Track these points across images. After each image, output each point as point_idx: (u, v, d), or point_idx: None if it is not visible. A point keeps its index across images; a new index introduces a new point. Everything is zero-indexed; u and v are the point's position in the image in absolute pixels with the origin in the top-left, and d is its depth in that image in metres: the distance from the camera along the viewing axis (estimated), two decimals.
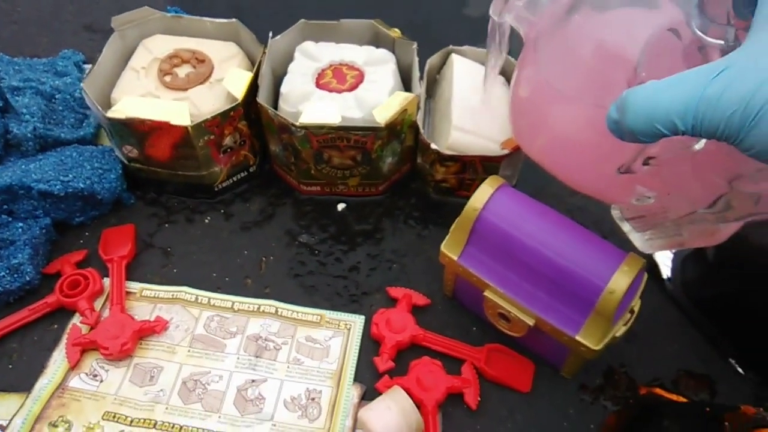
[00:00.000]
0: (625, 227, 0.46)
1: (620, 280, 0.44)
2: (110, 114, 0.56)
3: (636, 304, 0.48)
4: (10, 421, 0.50)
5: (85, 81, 0.58)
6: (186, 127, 0.56)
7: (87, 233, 0.61)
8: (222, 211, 0.64)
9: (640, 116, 0.32)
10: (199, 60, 0.61)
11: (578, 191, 0.50)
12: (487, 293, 0.50)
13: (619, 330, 0.47)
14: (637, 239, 0.46)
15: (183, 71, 0.61)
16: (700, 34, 0.36)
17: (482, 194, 0.49)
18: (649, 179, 0.41)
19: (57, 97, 0.65)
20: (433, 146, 0.58)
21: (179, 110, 0.56)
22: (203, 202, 0.64)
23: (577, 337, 0.46)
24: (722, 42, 0.35)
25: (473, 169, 0.60)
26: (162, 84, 0.60)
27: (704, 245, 0.44)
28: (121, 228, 0.61)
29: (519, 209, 0.49)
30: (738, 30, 0.35)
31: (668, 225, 0.43)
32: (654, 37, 0.38)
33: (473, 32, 0.83)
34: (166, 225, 0.63)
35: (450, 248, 0.52)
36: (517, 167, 0.62)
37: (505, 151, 0.57)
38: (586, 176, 0.46)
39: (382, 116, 0.56)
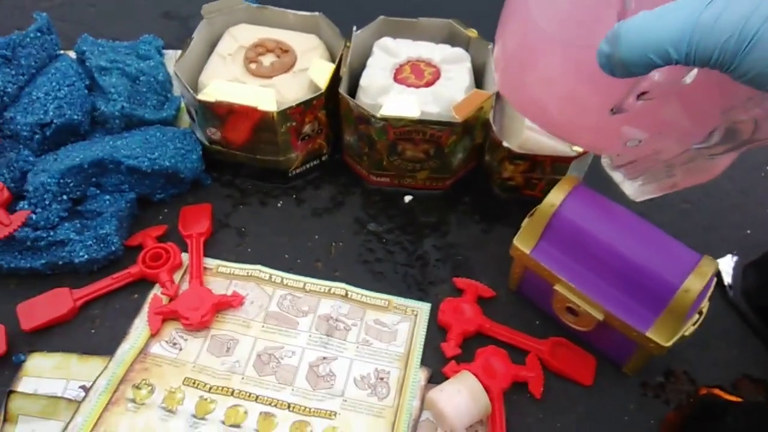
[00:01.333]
0: (617, 177, 0.47)
1: (695, 281, 0.46)
2: (201, 97, 0.58)
3: (705, 306, 0.50)
4: (94, 382, 0.52)
5: (176, 64, 0.61)
6: (272, 113, 0.58)
7: (166, 210, 0.64)
8: (294, 196, 0.66)
9: (634, 46, 0.32)
10: (283, 50, 0.64)
11: (569, 141, 0.49)
12: (557, 287, 0.52)
13: (688, 329, 0.49)
14: (629, 187, 0.47)
15: (268, 60, 0.63)
16: None
17: (559, 192, 0.51)
18: (639, 119, 0.41)
19: (141, 79, 0.68)
20: (505, 144, 0.60)
21: (266, 96, 0.58)
22: (276, 186, 0.67)
23: (648, 333, 0.48)
24: None
25: (542, 168, 0.62)
26: (248, 71, 0.62)
27: (698, 183, 0.44)
28: (199, 207, 0.64)
29: (594, 207, 0.51)
30: None
31: (660, 167, 0.43)
32: None
33: None
34: (241, 206, 0.65)
35: (523, 242, 0.53)
36: (583, 170, 0.64)
37: (576, 152, 0.59)
38: (575, 124, 0.46)
39: (460, 112, 0.58)
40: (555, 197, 0.51)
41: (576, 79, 0.43)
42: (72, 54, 0.70)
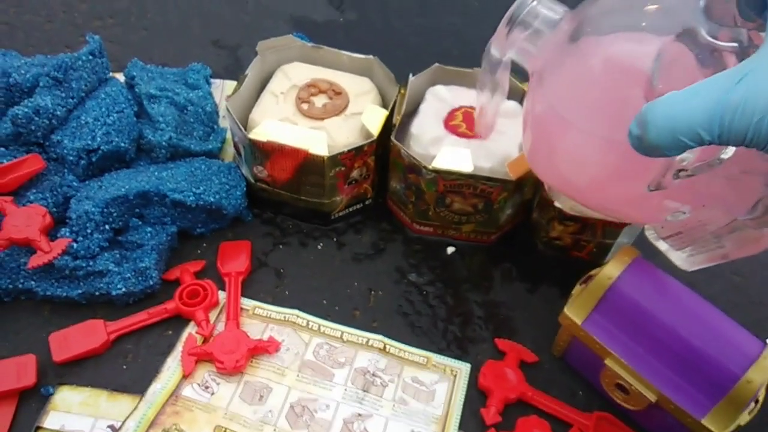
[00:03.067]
0: (662, 246, 0.46)
1: (758, 372, 0.44)
2: (252, 136, 0.58)
3: (761, 394, 0.48)
4: (123, 423, 0.51)
5: (229, 101, 0.60)
6: (322, 157, 0.57)
7: (204, 244, 0.63)
8: (335, 239, 0.65)
9: (663, 130, 0.31)
10: (336, 92, 0.63)
11: (607, 215, 0.49)
12: (608, 362, 0.50)
13: (744, 419, 0.46)
14: (677, 258, 0.45)
15: (320, 101, 0.63)
16: (711, 39, 0.35)
17: (618, 264, 0.50)
18: (680, 193, 0.40)
19: (189, 109, 0.67)
20: (557, 204, 0.59)
21: (318, 140, 0.57)
22: (317, 227, 0.65)
23: (703, 421, 0.46)
24: (735, 44, 0.35)
25: (592, 231, 0.60)
26: (299, 111, 0.62)
27: (749, 254, 0.43)
28: (239, 243, 0.63)
29: (653, 283, 0.49)
30: (749, 30, 0.35)
31: (708, 238, 0.42)
32: (665, 46, 0.37)
33: None
34: (281, 246, 0.64)
35: (574, 312, 0.52)
36: (635, 235, 0.62)
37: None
38: (613, 200, 0.46)
39: (514, 171, 0.57)
40: (612, 269, 0.49)
41: (609, 158, 0.42)
42: (120, 77, 0.70)
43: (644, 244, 0.57)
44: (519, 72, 0.53)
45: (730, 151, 0.36)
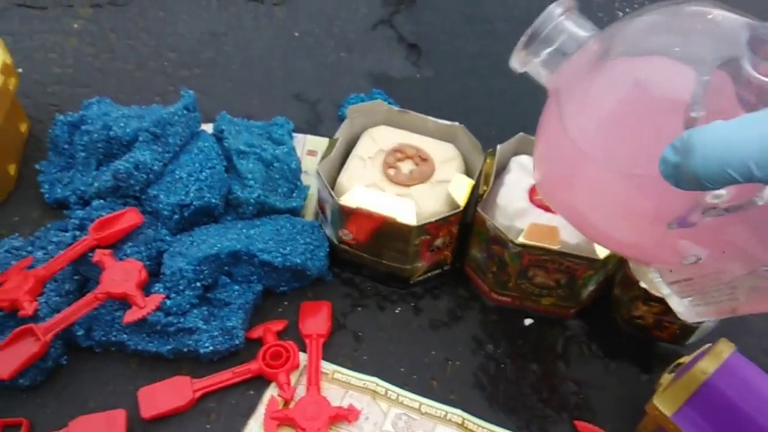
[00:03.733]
0: (665, 291, 0.42)
1: None
2: (342, 202, 0.59)
3: None
4: None
5: (319, 165, 0.62)
6: (410, 227, 0.58)
7: (285, 302, 0.64)
8: (412, 304, 0.65)
9: (711, 159, 0.29)
10: (422, 158, 0.64)
11: (616, 252, 0.44)
12: None
13: None
14: (678, 305, 0.42)
15: (406, 167, 0.63)
16: (755, 74, 0.34)
17: (713, 359, 0.49)
18: (701, 235, 0.37)
19: (275, 165, 0.69)
20: (642, 285, 0.58)
21: (406, 208, 0.58)
22: (395, 291, 0.66)
23: None
24: None
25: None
26: (386, 176, 0.63)
27: (761, 311, 0.39)
28: (319, 303, 0.63)
29: (751, 382, 0.48)
30: None
31: (721, 288, 0.39)
32: (709, 73, 0.35)
33: None
34: (359, 308, 0.65)
35: (663, 403, 0.51)
36: (717, 320, 0.61)
37: None
38: (628, 237, 0.42)
39: (603, 250, 0.57)
40: (708, 364, 0.48)
41: (629, 193, 0.39)
42: (208, 128, 0.72)
43: (731, 326, 0.56)
44: None
45: (765, 197, 0.33)
